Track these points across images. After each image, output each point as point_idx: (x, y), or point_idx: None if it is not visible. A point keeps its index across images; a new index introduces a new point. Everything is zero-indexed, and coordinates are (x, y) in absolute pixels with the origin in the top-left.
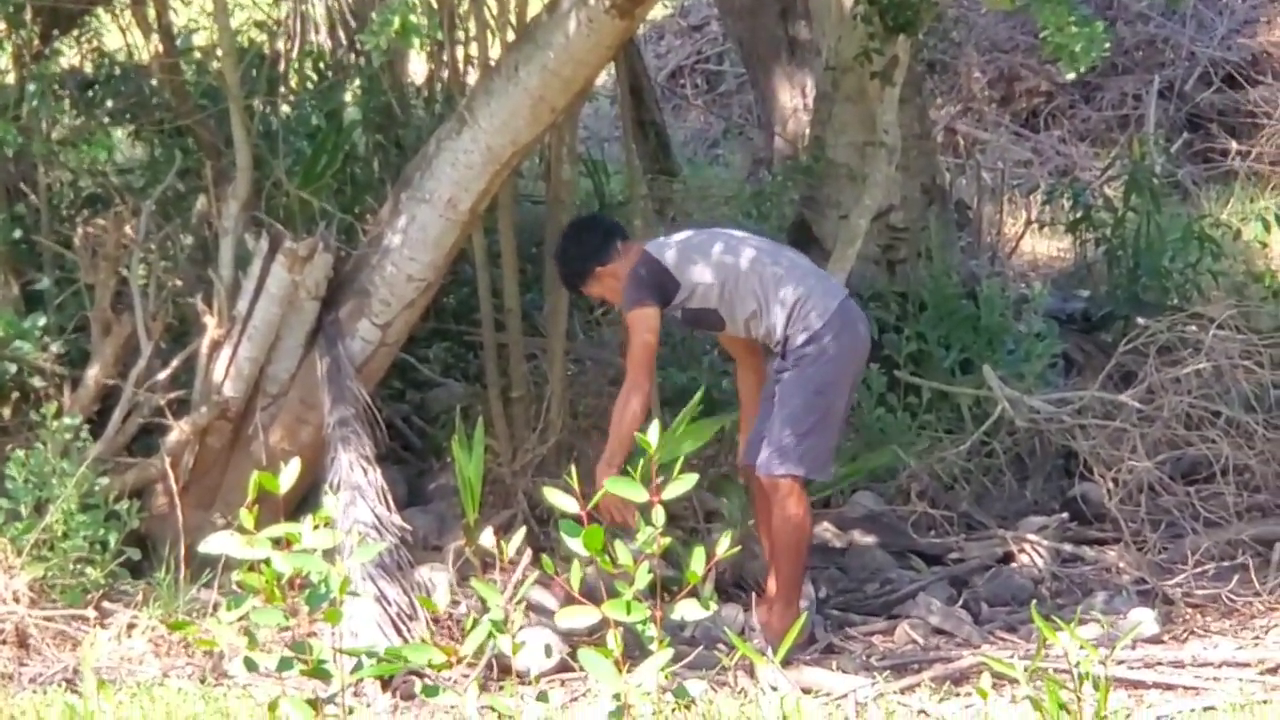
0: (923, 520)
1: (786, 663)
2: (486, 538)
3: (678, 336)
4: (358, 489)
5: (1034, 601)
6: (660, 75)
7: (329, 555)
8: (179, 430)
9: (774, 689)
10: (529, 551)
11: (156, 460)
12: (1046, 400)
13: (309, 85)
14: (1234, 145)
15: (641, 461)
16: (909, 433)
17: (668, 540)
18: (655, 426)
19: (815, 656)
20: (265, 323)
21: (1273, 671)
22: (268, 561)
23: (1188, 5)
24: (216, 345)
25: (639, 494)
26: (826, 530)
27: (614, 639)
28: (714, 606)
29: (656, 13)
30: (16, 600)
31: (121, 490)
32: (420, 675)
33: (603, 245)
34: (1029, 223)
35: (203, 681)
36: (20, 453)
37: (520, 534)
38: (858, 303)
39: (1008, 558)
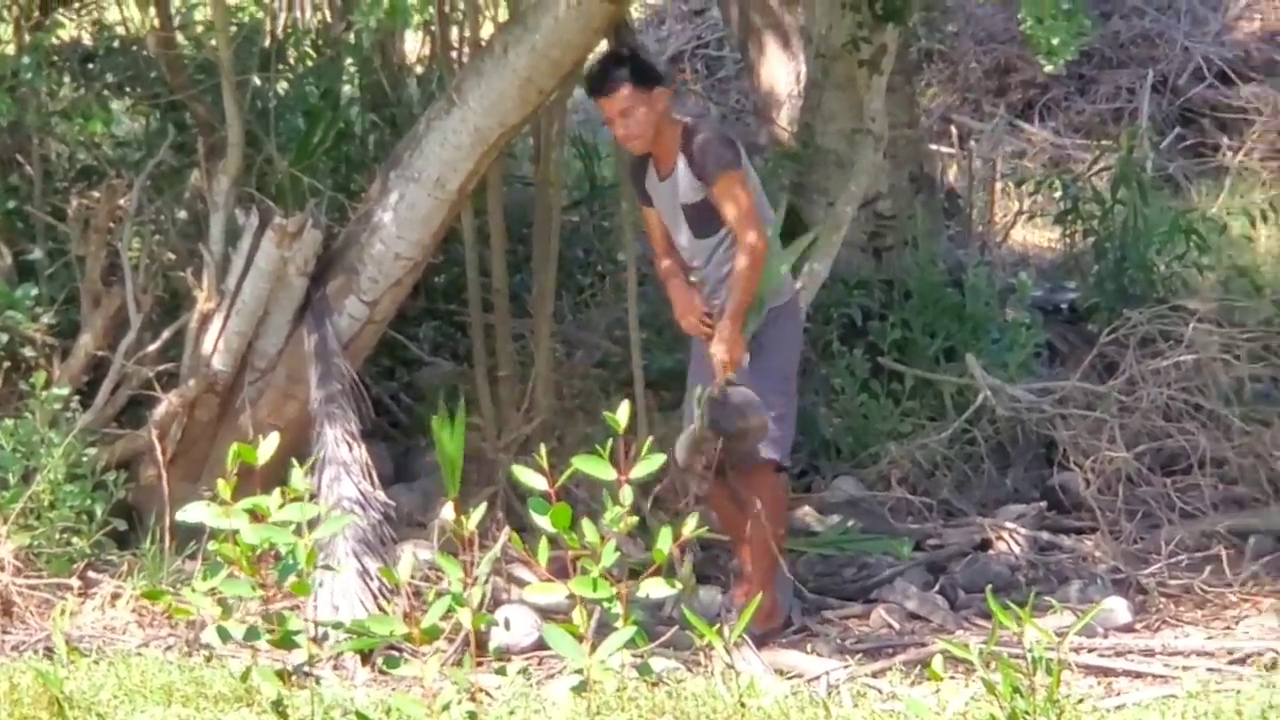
0: (902, 506)
1: (762, 644)
2: (447, 511)
3: (664, 318)
4: (343, 464)
5: (990, 588)
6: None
7: (304, 528)
8: (167, 403)
9: (731, 668)
10: (507, 529)
11: (144, 432)
12: (1028, 389)
13: (306, 63)
14: (1225, 140)
15: (610, 442)
16: (891, 419)
17: (633, 519)
18: (625, 406)
19: (791, 639)
20: (254, 298)
21: (1241, 661)
22: (238, 533)
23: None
24: (206, 319)
25: (608, 472)
26: (808, 515)
27: (580, 615)
28: (679, 586)
29: None
30: (2, 568)
31: (109, 461)
32: (399, 650)
33: (664, 75)
34: (1019, 213)
35: (182, 652)
36: (9, 422)
37: (481, 509)
38: (844, 289)
39: (985, 545)
